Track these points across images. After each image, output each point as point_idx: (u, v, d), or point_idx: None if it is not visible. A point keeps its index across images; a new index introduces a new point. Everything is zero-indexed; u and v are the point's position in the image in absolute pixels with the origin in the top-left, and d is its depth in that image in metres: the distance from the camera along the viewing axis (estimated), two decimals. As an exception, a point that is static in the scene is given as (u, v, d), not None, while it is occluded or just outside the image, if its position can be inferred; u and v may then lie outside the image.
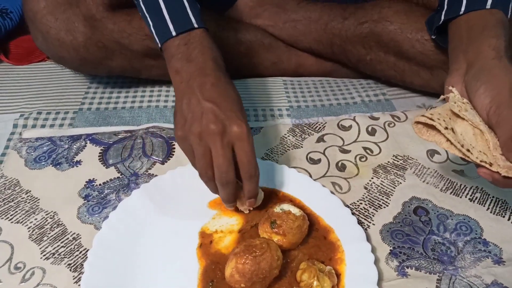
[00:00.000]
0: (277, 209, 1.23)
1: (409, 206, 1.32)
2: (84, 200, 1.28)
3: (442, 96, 1.21)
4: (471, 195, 1.30)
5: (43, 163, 1.36)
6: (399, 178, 1.44)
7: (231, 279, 1.14)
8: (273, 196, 1.34)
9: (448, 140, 0.90)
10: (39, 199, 1.25)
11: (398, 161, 1.52)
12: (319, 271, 1.17)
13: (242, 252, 1.13)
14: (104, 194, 1.29)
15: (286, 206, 1.26)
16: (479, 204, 1.26)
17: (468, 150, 0.87)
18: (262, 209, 1.24)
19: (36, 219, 1.19)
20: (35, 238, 1.15)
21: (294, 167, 1.43)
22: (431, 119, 0.94)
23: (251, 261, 1.08)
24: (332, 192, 1.35)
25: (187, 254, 1.22)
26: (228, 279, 1.15)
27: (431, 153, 1.63)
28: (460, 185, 1.33)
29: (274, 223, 1.21)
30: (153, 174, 1.38)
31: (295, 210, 1.23)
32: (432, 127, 0.94)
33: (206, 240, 1.31)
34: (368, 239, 1.21)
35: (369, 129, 1.63)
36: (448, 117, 0.91)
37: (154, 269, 1.14)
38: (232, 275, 1.13)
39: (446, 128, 0.87)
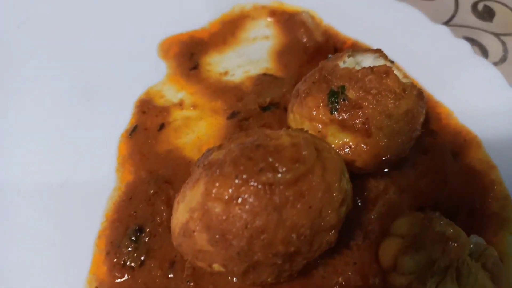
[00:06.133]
0: (347, 61, 0.62)
1: None
2: None
3: None
4: None
5: None
6: None
7: (186, 246, 0.47)
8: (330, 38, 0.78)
9: None
10: None
11: None
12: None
13: (234, 163, 0.45)
14: None
15: (371, 58, 0.62)
16: None
17: None
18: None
19: None
20: None
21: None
22: None
23: (261, 196, 0.42)
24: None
25: (92, 149, 0.65)
26: (177, 242, 0.49)
27: None
28: None
29: (341, 95, 0.55)
30: None
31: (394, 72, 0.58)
32: None
33: (150, 120, 0.68)
34: None
35: None
36: None
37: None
38: (188, 234, 0.46)
39: None
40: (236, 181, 0.42)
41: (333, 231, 0.46)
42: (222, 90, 0.72)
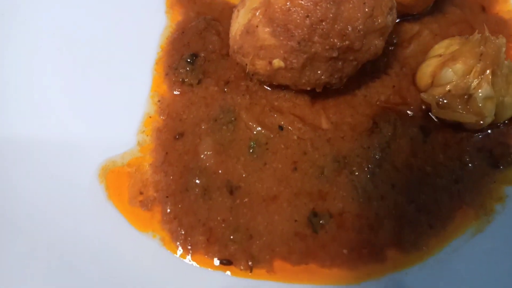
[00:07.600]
0: None
1: None
2: None
3: None
4: None
5: None
6: None
7: (248, 45, 0.48)
8: None
9: None
10: None
11: None
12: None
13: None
14: None
15: None
16: None
17: None
18: None
19: None
20: None
21: None
22: None
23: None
24: None
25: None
26: (238, 45, 0.49)
27: None
28: None
29: None
30: None
31: None
32: None
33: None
34: None
35: None
36: None
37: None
38: (251, 31, 0.47)
39: None
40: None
41: (381, 37, 0.50)
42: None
